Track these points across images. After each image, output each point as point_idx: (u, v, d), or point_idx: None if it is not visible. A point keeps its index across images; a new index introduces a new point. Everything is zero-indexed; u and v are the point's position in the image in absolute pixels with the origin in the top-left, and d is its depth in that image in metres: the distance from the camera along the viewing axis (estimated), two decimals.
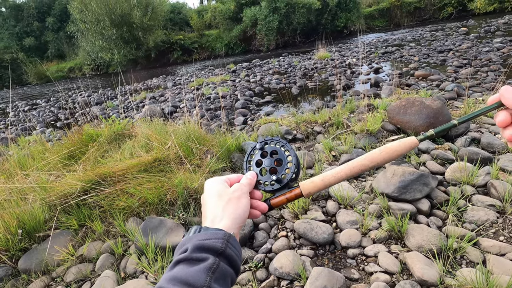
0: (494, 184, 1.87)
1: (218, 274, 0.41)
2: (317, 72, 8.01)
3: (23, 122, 7.40)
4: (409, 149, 0.54)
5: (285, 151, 0.60)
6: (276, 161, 0.60)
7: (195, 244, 0.44)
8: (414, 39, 11.80)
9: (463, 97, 4.01)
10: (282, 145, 0.61)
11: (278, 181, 0.57)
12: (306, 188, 0.57)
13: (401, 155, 0.55)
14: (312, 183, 0.57)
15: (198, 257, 0.42)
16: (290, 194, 0.57)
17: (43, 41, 27.26)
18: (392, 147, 0.54)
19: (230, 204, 0.52)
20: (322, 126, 3.47)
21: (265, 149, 0.62)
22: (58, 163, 2.62)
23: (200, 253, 0.43)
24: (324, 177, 0.57)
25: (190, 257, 0.42)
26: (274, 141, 0.62)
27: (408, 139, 0.54)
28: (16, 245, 1.82)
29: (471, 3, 19.72)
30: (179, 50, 22.44)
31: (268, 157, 0.61)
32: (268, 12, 19.21)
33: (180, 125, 3.07)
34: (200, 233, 0.47)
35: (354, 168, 0.55)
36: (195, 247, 0.44)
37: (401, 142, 0.54)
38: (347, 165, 0.56)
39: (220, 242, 0.44)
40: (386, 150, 0.54)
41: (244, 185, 0.56)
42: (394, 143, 0.55)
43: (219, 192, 0.54)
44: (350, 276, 1.48)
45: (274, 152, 0.61)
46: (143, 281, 1.52)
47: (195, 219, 2.00)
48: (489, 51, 6.93)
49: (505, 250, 1.48)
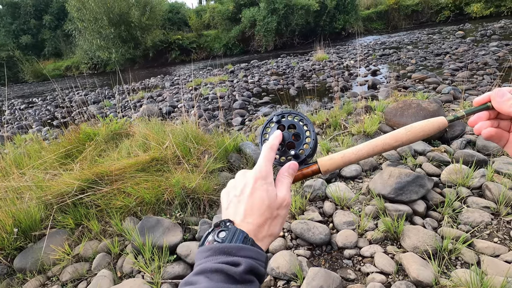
0: (489, 186, 1.89)
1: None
2: (315, 74, 8.04)
3: (19, 120, 7.35)
4: (437, 129, 0.51)
5: (304, 126, 0.56)
6: (294, 136, 0.56)
7: (250, 264, 0.39)
8: (411, 42, 11.89)
9: (459, 99, 4.05)
10: (300, 119, 0.57)
11: (296, 157, 0.54)
12: (324, 164, 0.53)
13: (428, 136, 0.51)
14: (330, 159, 0.53)
15: (247, 279, 0.38)
16: (307, 170, 0.54)
17: (40, 39, 27.06)
18: (419, 126, 0.51)
19: (276, 222, 0.46)
20: (319, 127, 3.48)
21: (282, 122, 0.57)
22: (54, 162, 2.61)
23: (250, 275, 0.39)
24: (344, 154, 0.53)
25: (242, 279, 0.38)
26: (292, 114, 0.57)
27: (437, 118, 0.51)
28: (11, 244, 1.81)
29: (467, 7, 19.90)
30: (177, 50, 22.40)
31: (286, 131, 0.56)
32: (267, 13, 19.25)
33: (178, 125, 3.07)
34: (250, 248, 0.41)
35: (377, 146, 0.52)
36: (249, 268, 0.39)
37: (429, 121, 0.51)
38: (369, 142, 0.53)
39: (263, 266, 0.41)
40: (412, 129, 0.51)
41: (288, 194, 0.48)
42: (421, 122, 0.51)
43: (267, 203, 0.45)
44: (346, 276, 1.49)
45: (291, 126, 0.57)
46: (139, 280, 1.52)
47: (192, 219, 2.01)
48: (485, 54, 7.00)
49: (499, 251, 1.50)
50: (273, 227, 0.45)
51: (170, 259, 1.69)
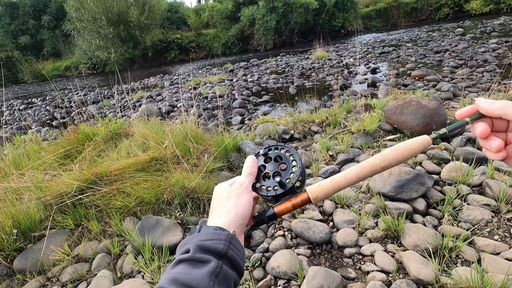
0: (489, 183, 1.89)
1: (221, 278, 0.41)
2: (314, 72, 8.02)
3: (18, 121, 7.33)
4: (423, 148, 0.51)
5: (290, 156, 0.58)
6: (280, 166, 0.58)
7: (197, 244, 0.43)
8: (411, 40, 11.87)
9: (459, 97, 4.05)
10: (287, 150, 0.59)
11: (282, 185, 0.53)
12: (313, 191, 0.51)
13: (414, 154, 0.51)
14: (319, 186, 0.52)
15: (201, 259, 0.42)
16: (296, 200, 0.53)
17: (39, 39, 27.00)
18: (404, 146, 0.51)
19: (230, 201, 0.51)
20: (319, 125, 3.47)
21: (269, 154, 0.59)
22: (54, 162, 2.60)
23: (202, 254, 0.42)
24: (333, 179, 0.52)
25: (192, 258, 0.42)
26: (279, 146, 0.60)
27: (422, 137, 0.51)
28: (11, 245, 1.81)
29: (467, 4, 19.85)
30: (176, 49, 22.35)
31: (272, 161, 0.58)
32: (266, 11, 19.21)
33: (177, 124, 3.06)
34: (201, 233, 0.46)
35: (364, 169, 0.51)
36: (197, 247, 0.43)
37: (414, 140, 0.51)
38: (357, 166, 0.52)
39: (222, 243, 0.43)
40: (398, 149, 0.51)
41: (244, 179, 0.54)
42: (406, 142, 0.52)
43: (221, 193, 0.53)
44: (346, 275, 1.49)
45: (278, 158, 0.59)
46: (139, 280, 1.52)
47: (192, 218, 2.00)
48: (485, 52, 6.99)
49: (499, 249, 1.49)
50: (228, 205, 0.50)
51: (170, 259, 1.69)
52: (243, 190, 0.52)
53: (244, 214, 0.50)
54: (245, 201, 0.51)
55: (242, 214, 0.50)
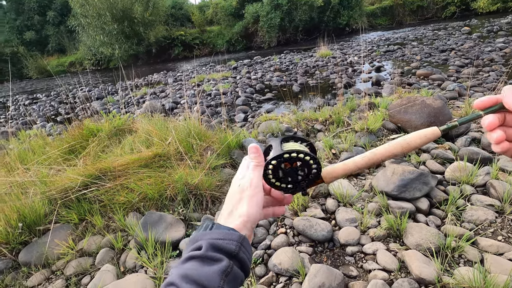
0: (493, 184, 1.87)
1: (231, 277, 0.41)
2: (318, 70, 7.99)
3: (24, 116, 7.40)
4: (431, 139, 0.53)
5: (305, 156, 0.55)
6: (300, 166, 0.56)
7: (210, 242, 0.44)
8: (416, 38, 11.75)
9: (464, 96, 4.01)
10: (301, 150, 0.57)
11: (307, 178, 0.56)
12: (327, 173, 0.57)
13: (423, 145, 0.54)
14: (333, 169, 0.57)
15: (213, 257, 0.42)
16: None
17: (44, 35, 27.16)
18: (414, 136, 0.53)
19: (242, 204, 0.50)
20: (322, 124, 3.46)
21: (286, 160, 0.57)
22: (58, 157, 2.62)
23: (214, 253, 0.43)
24: (345, 162, 0.56)
25: (205, 255, 0.42)
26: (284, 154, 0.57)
27: (431, 129, 0.53)
28: (16, 238, 1.83)
29: (474, 3, 19.61)
30: (180, 46, 22.37)
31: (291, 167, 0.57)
32: (270, 8, 19.12)
33: (180, 121, 3.07)
34: (213, 231, 0.46)
35: (376, 155, 0.55)
36: (209, 245, 0.43)
37: (424, 131, 0.53)
38: (368, 152, 0.56)
39: (234, 244, 0.44)
40: (407, 139, 0.53)
41: (253, 174, 0.52)
42: (416, 132, 0.53)
43: (234, 191, 0.52)
44: (348, 273, 1.49)
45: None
46: (142, 275, 1.53)
47: (195, 215, 2.01)
48: (492, 51, 6.91)
49: (503, 249, 1.48)
50: (239, 211, 0.50)
51: (172, 254, 1.70)
52: (254, 190, 0.51)
53: (255, 217, 0.50)
54: (256, 203, 0.50)
55: (253, 219, 0.50)
